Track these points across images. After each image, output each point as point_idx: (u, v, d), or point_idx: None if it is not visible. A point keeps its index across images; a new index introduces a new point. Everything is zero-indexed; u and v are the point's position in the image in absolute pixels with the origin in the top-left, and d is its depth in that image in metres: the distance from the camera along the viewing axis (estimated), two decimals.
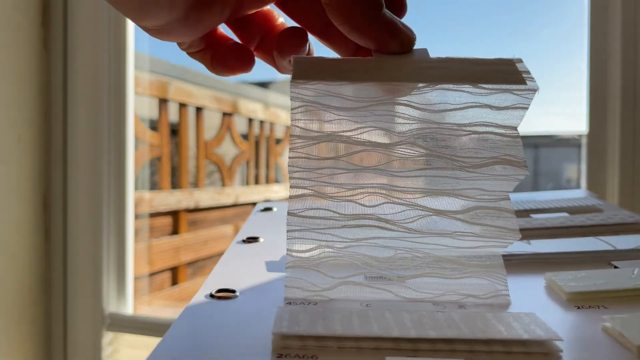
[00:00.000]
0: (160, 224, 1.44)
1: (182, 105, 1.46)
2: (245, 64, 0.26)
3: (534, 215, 0.39)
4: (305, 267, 0.23)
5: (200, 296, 0.24)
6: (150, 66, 1.17)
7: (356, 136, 0.22)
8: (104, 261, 0.86)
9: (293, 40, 0.25)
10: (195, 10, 0.23)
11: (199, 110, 1.52)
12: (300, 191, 0.23)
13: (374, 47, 0.23)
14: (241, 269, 0.29)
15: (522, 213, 0.40)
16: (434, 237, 0.23)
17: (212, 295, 0.24)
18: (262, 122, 1.83)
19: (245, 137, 1.76)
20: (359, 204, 0.23)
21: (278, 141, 1.95)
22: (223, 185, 1.69)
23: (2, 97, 0.79)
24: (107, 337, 0.86)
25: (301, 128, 0.22)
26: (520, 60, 0.23)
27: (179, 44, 0.25)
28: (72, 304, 0.87)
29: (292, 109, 0.22)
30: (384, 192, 0.23)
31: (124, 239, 0.87)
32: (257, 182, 1.83)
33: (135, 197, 0.93)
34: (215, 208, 1.66)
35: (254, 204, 1.84)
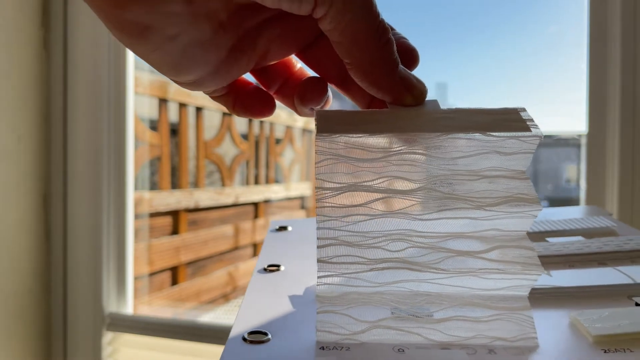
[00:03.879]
0: (160, 224, 1.44)
1: (182, 105, 1.46)
2: (267, 108, 0.28)
3: (549, 239, 0.40)
4: (334, 311, 0.24)
5: (234, 339, 0.25)
6: (150, 66, 1.17)
7: (378, 185, 0.24)
8: (104, 261, 0.86)
9: (314, 90, 0.26)
10: (225, 64, 0.24)
11: (198, 110, 1.52)
12: (328, 241, 0.24)
13: (390, 100, 0.24)
14: (267, 304, 0.29)
15: (538, 235, 0.41)
16: (461, 276, 0.24)
17: (244, 339, 0.25)
18: (262, 122, 1.83)
19: (245, 137, 1.76)
20: (384, 249, 0.24)
21: (278, 141, 1.95)
22: (223, 185, 1.69)
23: (2, 97, 0.79)
24: (107, 337, 0.86)
25: (325, 180, 0.24)
26: (524, 109, 0.25)
27: (206, 90, 0.26)
28: (72, 304, 0.87)
29: (316, 163, 0.24)
30: (407, 237, 0.24)
31: (124, 239, 0.87)
32: (257, 182, 1.83)
33: (135, 197, 0.93)
34: (215, 208, 1.66)
35: (254, 203, 1.84)
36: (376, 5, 0.22)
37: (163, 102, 1.37)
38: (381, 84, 0.24)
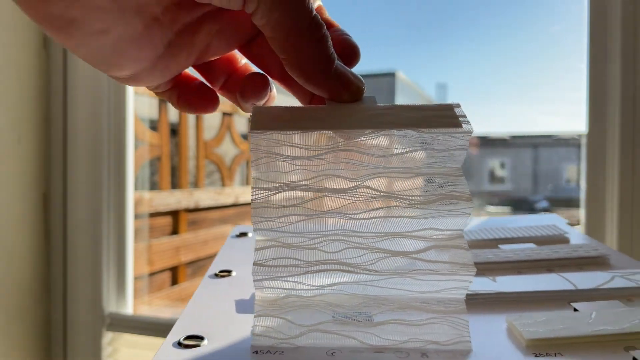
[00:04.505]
0: (160, 224, 1.44)
1: None
2: (210, 104, 0.27)
3: (502, 246, 0.41)
4: (273, 315, 0.24)
5: (169, 343, 0.25)
6: None
7: (314, 184, 0.24)
8: (104, 261, 0.86)
9: (255, 86, 0.26)
10: (162, 59, 0.24)
11: None
12: (264, 242, 0.24)
13: (327, 96, 0.24)
14: (211, 309, 0.29)
15: (491, 242, 0.42)
16: (394, 277, 0.24)
17: (179, 344, 0.25)
18: None
19: (245, 137, 1.76)
20: (322, 250, 0.24)
21: None
22: (223, 185, 1.69)
23: (2, 97, 0.79)
24: (107, 337, 0.86)
25: (262, 180, 0.24)
26: (458, 105, 0.25)
27: (147, 86, 0.26)
28: (72, 303, 0.87)
29: (252, 161, 0.24)
30: (343, 237, 0.24)
31: (123, 239, 0.87)
32: None
33: (135, 197, 0.93)
34: (215, 208, 1.66)
35: None
36: (309, 0, 0.22)
37: (163, 102, 1.37)
38: (316, 80, 0.23)
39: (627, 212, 0.68)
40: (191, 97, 0.27)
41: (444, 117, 0.24)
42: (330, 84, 0.24)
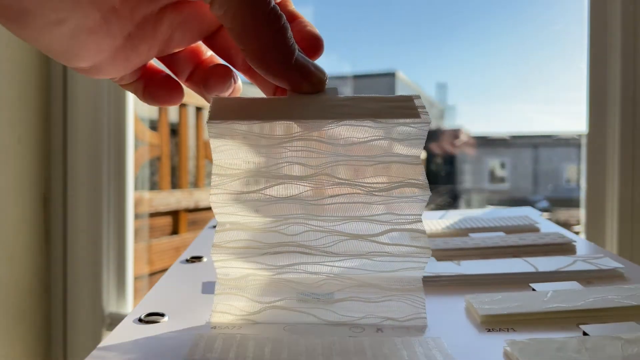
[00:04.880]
0: (160, 224, 1.44)
1: (182, 105, 1.46)
2: (174, 96, 0.28)
3: (472, 235, 0.42)
4: (233, 293, 0.25)
5: (129, 319, 0.25)
6: None
7: (274, 171, 0.24)
8: (104, 261, 0.86)
9: (218, 77, 0.26)
10: (122, 51, 0.24)
11: (198, 110, 1.52)
12: (224, 225, 0.25)
13: (288, 87, 0.25)
14: (178, 291, 0.30)
15: (462, 231, 0.43)
16: (352, 259, 0.25)
17: (140, 320, 0.25)
18: None
19: None
20: (281, 233, 0.25)
21: None
22: None
23: (2, 98, 0.79)
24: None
25: (221, 166, 0.24)
26: (418, 97, 0.25)
27: (111, 78, 0.26)
28: (72, 304, 0.87)
29: (212, 148, 0.24)
30: (303, 221, 0.25)
31: (123, 239, 0.87)
32: None
33: (135, 197, 0.93)
34: None
35: None
36: None
37: None
38: (275, 71, 0.23)
39: (627, 212, 0.68)
40: (156, 89, 0.27)
41: (403, 107, 0.24)
42: (290, 75, 0.24)
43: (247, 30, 0.22)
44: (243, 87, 0.28)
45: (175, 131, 1.47)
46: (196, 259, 0.36)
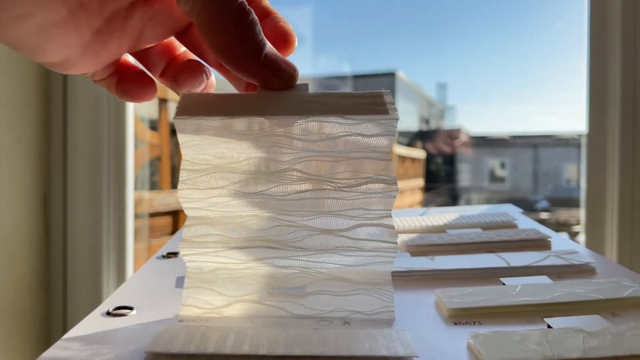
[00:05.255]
0: (160, 224, 1.44)
1: None
2: (147, 92, 0.27)
3: (450, 231, 0.42)
4: (202, 287, 0.25)
5: (97, 312, 0.25)
6: None
7: (243, 167, 0.24)
8: (104, 261, 0.86)
9: (189, 73, 0.26)
10: (91, 46, 0.24)
11: None
12: (193, 220, 0.25)
13: (258, 84, 0.24)
14: (150, 285, 0.30)
15: (440, 228, 0.43)
16: (320, 254, 0.25)
17: (108, 313, 0.25)
18: None
19: None
20: (251, 228, 0.25)
21: None
22: None
23: (2, 97, 0.79)
24: None
25: (189, 161, 0.24)
26: (388, 93, 0.25)
27: (83, 73, 0.26)
28: (72, 304, 0.87)
29: (180, 144, 0.24)
30: (272, 216, 0.25)
31: (124, 239, 0.87)
32: None
33: (135, 197, 0.93)
34: None
35: None
36: None
37: (163, 102, 1.37)
38: (244, 67, 0.23)
39: (627, 212, 0.68)
40: (129, 84, 0.27)
41: (373, 104, 0.25)
42: (259, 72, 0.24)
43: (213, 27, 0.22)
44: (220, 83, 0.28)
45: (175, 131, 1.47)
46: (173, 254, 0.36)
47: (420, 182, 5.83)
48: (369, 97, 0.25)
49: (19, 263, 0.83)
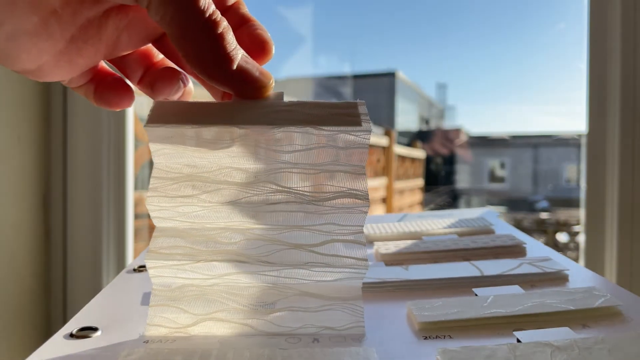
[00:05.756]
0: None
1: None
2: (124, 99, 0.27)
3: (425, 238, 0.42)
4: (168, 305, 0.24)
5: (60, 335, 0.24)
6: None
7: (214, 177, 0.24)
8: (104, 261, 0.86)
9: (164, 80, 0.27)
10: (66, 53, 0.24)
11: None
12: (160, 231, 0.24)
13: (231, 92, 0.24)
14: (116, 303, 0.29)
15: (416, 235, 0.43)
16: (289, 268, 0.24)
17: (72, 335, 0.24)
18: None
19: None
20: (219, 241, 0.24)
21: None
22: None
23: (2, 97, 0.79)
24: None
25: (160, 169, 0.24)
26: (363, 103, 0.25)
27: (59, 80, 0.26)
28: (72, 304, 0.87)
29: (152, 152, 0.24)
30: (242, 229, 0.24)
31: (124, 239, 0.87)
32: None
33: (135, 197, 0.93)
34: None
35: None
36: None
37: None
38: (215, 77, 0.23)
39: (627, 212, 0.68)
40: (106, 91, 0.27)
41: (346, 115, 0.24)
42: (231, 81, 0.23)
43: (184, 36, 0.22)
44: (200, 90, 0.28)
45: None
46: (143, 267, 0.35)
47: (420, 182, 5.83)
48: (343, 107, 0.24)
49: (19, 263, 0.83)
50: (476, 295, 0.29)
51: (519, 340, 0.23)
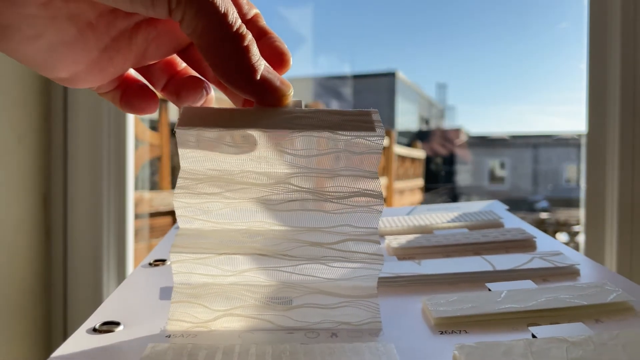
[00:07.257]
0: (160, 224, 1.44)
1: None
2: (150, 105, 0.29)
3: (436, 232, 0.42)
4: (189, 301, 0.25)
5: (83, 329, 0.25)
6: None
7: (237, 179, 0.25)
8: (104, 261, 0.86)
9: (189, 88, 0.28)
10: (98, 62, 0.25)
11: None
12: (184, 230, 0.25)
13: (254, 100, 0.26)
14: (136, 297, 0.29)
15: (427, 228, 0.43)
16: (306, 263, 0.25)
17: (95, 329, 0.25)
18: None
19: None
20: (239, 240, 0.25)
21: None
22: None
23: (2, 97, 0.79)
24: None
25: (187, 171, 0.25)
26: (376, 112, 0.26)
27: (89, 87, 0.27)
28: (72, 303, 0.87)
29: (180, 155, 0.25)
30: (261, 230, 0.26)
31: (124, 239, 0.87)
32: None
33: (135, 197, 0.93)
34: None
35: None
36: (233, 12, 0.24)
37: (163, 102, 1.37)
38: (240, 86, 0.25)
39: (627, 212, 0.68)
40: (132, 97, 0.29)
41: (361, 121, 0.26)
42: (255, 90, 0.25)
43: (213, 48, 0.24)
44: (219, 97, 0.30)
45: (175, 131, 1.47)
46: (160, 262, 0.35)
47: (420, 182, 5.83)
48: (357, 114, 0.26)
49: (19, 263, 0.83)
50: (489, 290, 0.29)
51: (534, 336, 0.24)
